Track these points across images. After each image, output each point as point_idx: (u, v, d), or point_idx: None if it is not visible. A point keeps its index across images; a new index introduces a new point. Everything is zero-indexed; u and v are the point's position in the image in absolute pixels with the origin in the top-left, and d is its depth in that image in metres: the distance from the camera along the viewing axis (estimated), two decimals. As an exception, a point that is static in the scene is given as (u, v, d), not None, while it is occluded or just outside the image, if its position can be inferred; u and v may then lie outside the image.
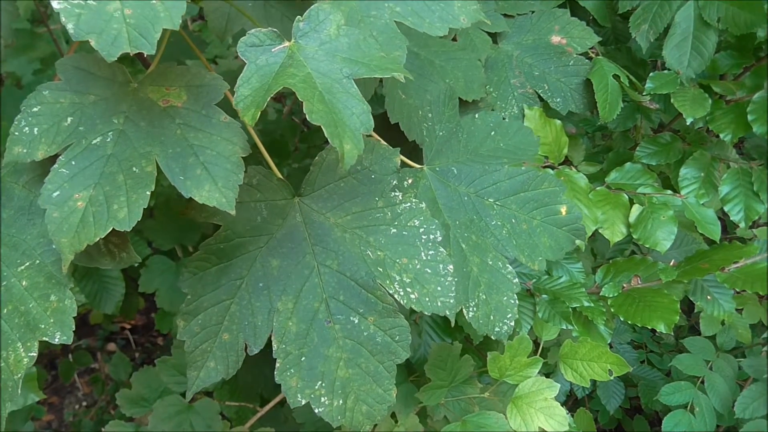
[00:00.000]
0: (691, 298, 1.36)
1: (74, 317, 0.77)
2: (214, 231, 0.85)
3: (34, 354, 0.76)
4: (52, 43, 1.92)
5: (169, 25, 0.62)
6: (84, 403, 2.73)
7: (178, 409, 1.35)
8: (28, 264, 0.77)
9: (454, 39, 1.18)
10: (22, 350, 0.76)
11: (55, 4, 0.60)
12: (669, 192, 1.29)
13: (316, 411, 0.83)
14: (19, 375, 0.76)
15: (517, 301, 0.98)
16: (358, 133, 0.72)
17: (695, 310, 2.07)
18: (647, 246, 1.23)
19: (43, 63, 2.03)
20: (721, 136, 1.31)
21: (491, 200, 1.00)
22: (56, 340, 0.76)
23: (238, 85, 0.71)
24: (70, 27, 0.60)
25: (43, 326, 0.76)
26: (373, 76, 0.74)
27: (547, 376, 1.10)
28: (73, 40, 0.60)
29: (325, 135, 0.68)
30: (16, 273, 0.77)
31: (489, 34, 1.24)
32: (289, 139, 1.88)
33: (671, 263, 1.31)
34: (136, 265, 1.09)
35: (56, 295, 0.77)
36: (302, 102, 0.69)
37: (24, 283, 0.77)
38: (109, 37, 0.62)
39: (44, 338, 0.76)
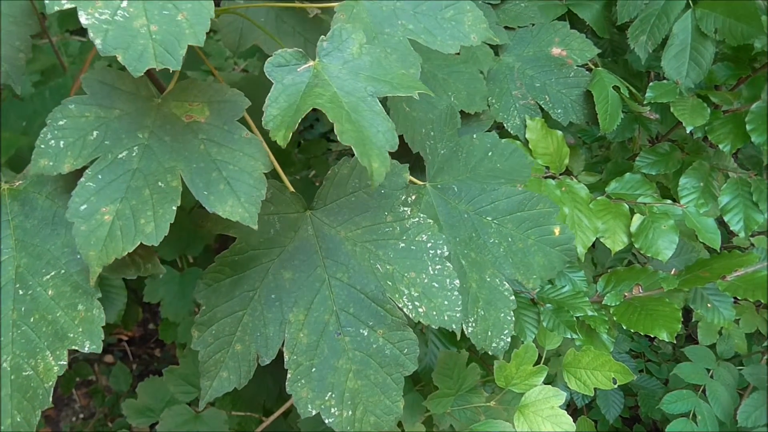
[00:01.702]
0: (691, 306, 1.37)
1: (103, 327, 0.78)
2: (216, 243, 0.86)
3: (64, 363, 0.77)
4: (52, 54, 1.92)
5: (194, 42, 0.63)
6: (81, 416, 2.72)
7: (186, 418, 1.35)
8: (53, 273, 0.78)
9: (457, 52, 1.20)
10: (51, 358, 0.76)
11: (83, 20, 0.61)
12: (669, 201, 1.30)
13: (327, 422, 0.84)
14: (50, 383, 0.76)
15: (513, 318, 1.00)
16: (384, 151, 0.73)
17: (692, 320, 2.09)
18: (649, 255, 1.24)
19: (44, 75, 2.03)
20: (720, 146, 1.33)
21: (489, 218, 1.02)
22: (86, 349, 0.77)
23: (267, 105, 0.72)
24: (97, 42, 0.61)
25: (71, 335, 0.77)
26: (396, 94, 0.75)
27: (548, 385, 1.11)
28: (100, 55, 0.61)
29: (356, 154, 0.69)
30: (42, 282, 0.78)
31: (491, 46, 1.25)
32: (290, 150, 1.89)
33: (672, 272, 1.32)
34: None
35: (84, 305, 0.78)
36: (333, 122, 0.70)
37: (50, 292, 0.77)
38: (135, 53, 0.63)
39: (74, 347, 0.77)
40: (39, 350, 0.76)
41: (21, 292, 0.77)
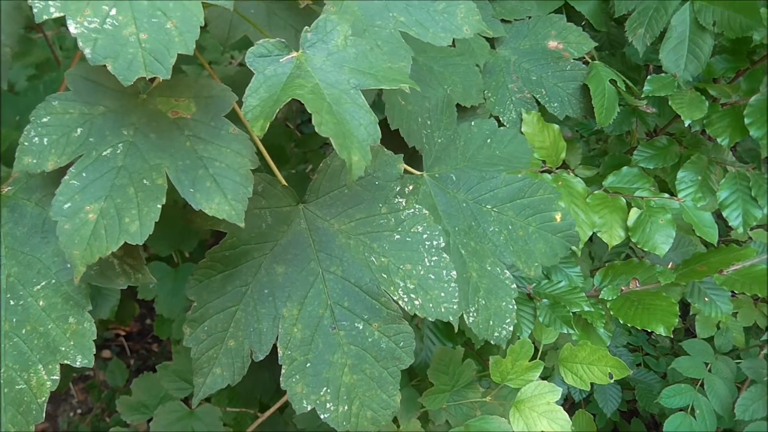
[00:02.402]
0: (689, 300, 1.37)
1: (94, 340, 0.77)
2: (212, 238, 0.85)
3: (57, 377, 0.75)
4: (47, 48, 1.91)
5: (183, 50, 0.62)
6: (79, 411, 2.72)
7: (180, 415, 1.35)
8: (44, 284, 0.77)
9: (452, 44, 1.19)
10: (43, 373, 0.75)
11: (72, 29, 0.60)
12: (666, 195, 1.30)
13: (322, 417, 0.84)
14: (43, 399, 0.75)
15: (515, 307, 0.99)
16: (365, 144, 0.72)
17: (690, 313, 2.08)
18: (646, 249, 1.23)
19: (38, 69, 2.01)
20: (718, 139, 1.32)
21: (489, 207, 1.01)
22: (78, 363, 0.76)
23: (247, 95, 0.71)
24: (87, 52, 0.60)
25: (63, 349, 0.76)
26: (381, 87, 0.74)
27: (545, 380, 1.10)
28: (90, 64, 0.60)
29: (334, 147, 0.68)
30: (33, 293, 0.76)
31: (487, 39, 1.24)
32: (284, 145, 1.88)
33: (669, 266, 1.31)
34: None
35: (75, 317, 0.77)
36: (311, 113, 0.69)
37: (41, 303, 0.76)
38: (125, 62, 0.62)
39: (65, 361, 0.76)
40: (31, 363, 0.75)
41: (12, 303, 0.76)
